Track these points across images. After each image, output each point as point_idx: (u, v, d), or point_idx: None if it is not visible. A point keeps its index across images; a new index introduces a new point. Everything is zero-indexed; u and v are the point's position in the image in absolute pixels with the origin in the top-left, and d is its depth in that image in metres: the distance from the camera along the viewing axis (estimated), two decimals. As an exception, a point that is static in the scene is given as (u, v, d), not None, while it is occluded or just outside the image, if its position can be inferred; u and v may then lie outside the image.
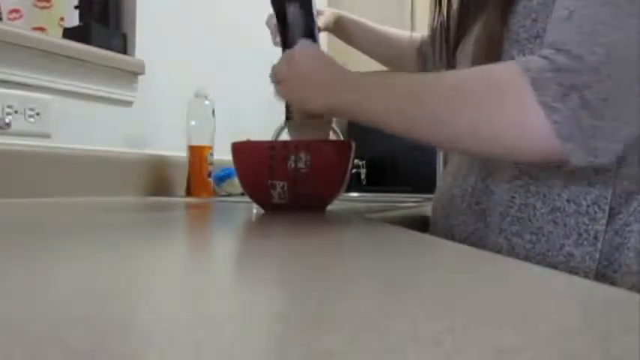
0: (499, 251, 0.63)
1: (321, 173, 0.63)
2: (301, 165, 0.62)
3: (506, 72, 0.51)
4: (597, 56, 0.47)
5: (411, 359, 0.12)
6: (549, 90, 0.47)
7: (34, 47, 0.99)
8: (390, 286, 0.21)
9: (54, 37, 1.14)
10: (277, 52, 0.84)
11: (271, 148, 0.63)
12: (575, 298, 0.20)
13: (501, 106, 0.50)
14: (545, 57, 0.49)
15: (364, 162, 2.02)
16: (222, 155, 1.14)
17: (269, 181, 0.63)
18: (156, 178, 1.22)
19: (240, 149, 0.66)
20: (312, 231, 0.43)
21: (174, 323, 0.15)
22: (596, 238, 0.58)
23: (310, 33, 0.75)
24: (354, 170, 1.98)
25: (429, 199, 0.83)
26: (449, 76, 0.58)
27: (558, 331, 0.15)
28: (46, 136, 1.02)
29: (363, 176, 2.01)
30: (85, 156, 1.06)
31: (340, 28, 0.99)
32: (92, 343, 0.13)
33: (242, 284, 0.22)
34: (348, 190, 1.85)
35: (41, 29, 1.32)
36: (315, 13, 0.77)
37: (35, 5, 1.35)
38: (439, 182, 0.77)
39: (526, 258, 0.61)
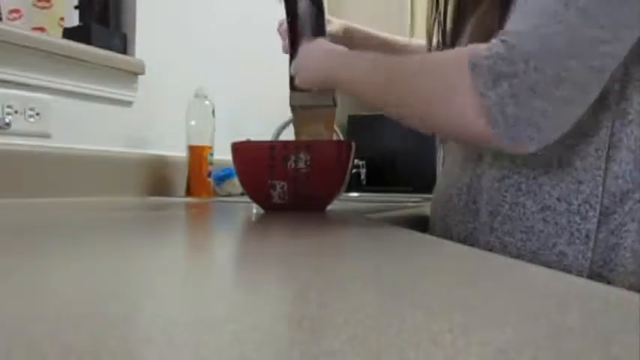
0: (491, 250, 0.63)
1: (321, 173, 0.63)
2: (301, 165, 0.62)
3: (455, 55, 0.55)
4: (530, 47, 0.49)
5: (411, 359, 0.12)
6: (482, 76, 0.50)
7: (34, 47, 0.99)
8: (390, 286, 0.21)
9: (54, 37, 1.14)
10: (278, 52, 0.84)
11: (271, 148, 0.63)
12: (575, 298, 0.20)
13: (441, 86, 0.54)
14: (490, 45, 0.51)
15: (364, 162, 2.02)
16: (222, 155, 1.14)
17: (269, 181, 0.63)
18: (156, 178, 1.22)
19: (240, 149, 0.66)
20: (312, 231, 0.43)
21: (174, 323, 0.15)
22: (587, 237, 0.58)
23: (321, 30, 0.76)
24: (354, 170, 1.98)
25: (429, 199, 0.83)
26: (421, 56, 0.66)
27: (558, 331, 0.15)
28: (46, 136, 1.02)
29: (363, 176, 2.01)
30: (85, 156, 1.06)
31: (348, 38, 1.02)
32: (92, 343, 0.13)
33: (242, 284, 0.22)
34: (348, 190, 1.85)
35: (41, 29, 1.31)
36: (325, 9, 0.78)
37: (35, 5, 1.35)
38: (437, 182, 0.77)
39: (518, 257, 0.61)
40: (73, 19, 1.26)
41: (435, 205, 0.76)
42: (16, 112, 0.96)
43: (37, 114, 1.00)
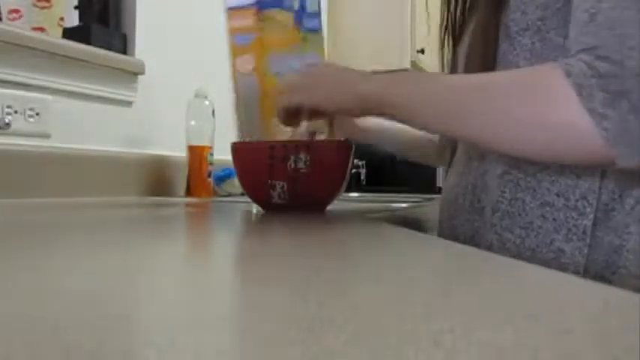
0: (490, 247, 0.64)
1: (321, 173, 0.63)
2: (301, 165, 0.62)
3: (547, 75, 0.52)
4: (634, 60, 0.48)
5: (411, 359, 0.12)
6: (596, 97, 0.48)
7: (34, 47, 0.99)
8: (390, 286, 0.21)
9: (54, 37, 1.14)
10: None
11: (271, 148, 0.63)
12: (575, 298, 0.20)
13: (547, 108, 0.51)
14: (585, 62, 0.49)
15: (364, 162, 2.02)
16: (222, 155, 1.14)
17: (269, 181, 0.63)
18: (156, 178, 1.22)
19: (240, 149, 0.66)
20: (312, 231, 0.43)
21: (174, 323, 0.15)
22: (584, 233, 0.58)
23: None
24: (354, 170, 1.98)
25: (429, 199, 0.83)
26: (477, 76, 0.58)
27: (558, 331, 0.15)
28: (46, 136, 1.02)
29: (363, 176, 2.01)
30: (85, 156, 1.06)
31: (379, 133, 1.06)
32: (92, 343, 0.13)
33: (242, 284, 0.22)
34: (348, 190, 1.85)
35: (41, 29, 1.31)
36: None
37: (35, 5, 1.35)
38: (444, 184, 0.77)
39: (517, 253, 0.62)
40: (73, 19, 1.26)
41: (442, 206, 0.76)
42: (16, 112, 0.96)
43: (37, 114, 1.00)
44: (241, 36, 0.79)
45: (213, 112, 1.21)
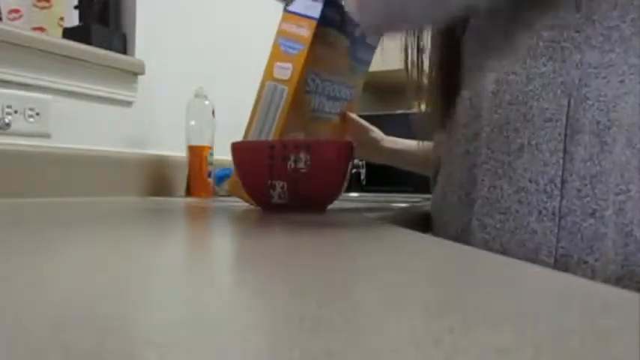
0: (471, 232, 0.68)
1: (321, 173, 0.63)
2: (301, 165, 0.62)
3: None
4: None
5: (411, 359, 0.12)
6: None
7: (34, 47, 0.99)
8: (390, 286, 0.21)
9: (54, 37, 1.14)
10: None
11: (271, 147, 0.63)
12: (574, 298, 0.20)
13: None
14: None
15: (364, 162, 2.02)
16: (222, 155, 1.14)
17: (269, 181, 0.63)
18: (156, 178, 1.22)
19: (240, 149, 0.66)
20: (312, 231, 0.43)
21: (174, 323, 0.15)
22: (554, 214, 0.62)
23: None
24: (354, 170, 1.98)
25: (429, 199, 0.84)
26: None
27: (558, 331, 0.15)
28: (46, 136, 1.02)
29: (363, 176, 2.01)
30: (85, 156, 1.06)
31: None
32: (92, 343, 0.13)
33: (242, 284, 0.22)
34: (348, 190, 1.85)
35: (41, 29, 1.31)
36: None
37: (35, 5, 1.35)
38: (435, 187, 0.82)
39: (497, 236, 0.66)
40: (73, 19, 1.26)
41: (432, 207, 0.79)
42: (16, 112, 0.96)
43: (37, 114, 1.00)
44: (289, 42, 0.75)
45: (213, 112, 1.21)
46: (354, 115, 0.99)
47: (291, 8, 0.76)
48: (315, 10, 0.74)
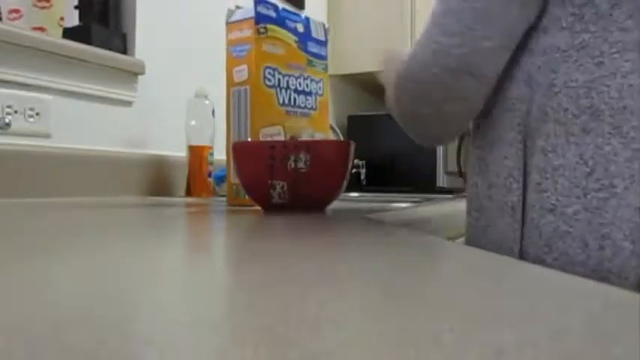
0: (466, 231, 0.70)
1: (321, 173, 0.63)
2: (301, 165, 0.62)
3: None
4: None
5: (411, 359, 0.12)
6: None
7: (34, 47, 0.99)
8: (390, 286, 0.21)
9: (54, 37, 1.14)
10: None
11: (271, 148, 0.63)
12: (575, 298, 0.20)
13: None
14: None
15: (364, 162, 2.02)
16: (222, 155, 1.14)
17: (269, 181, 0.63)
18: (156, 178, 1.22)
19: (241, 149, 0.66)
20: (312, 231, 0.43)
21: (174, 323, 0.15)
22: (513, 209, 0.59)
23: None
24: (354, 170, 1.98)
25: (429, 199, 0.84)
26: None
27: (558, 331, 0.15)
28: (46, 136, 1.02)
29: (363, 176, 2.01)
30: (85, 156, 1.06)
31: None
32: (92, 343, 0.13)
33: (242, 284, 0.22)
34: (348, 190, 1.85)
35: (41, 29, 1.31)
36: None
37: (35, 5, 1.35)
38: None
39: (474, 234, 0.66)
40: (73, 19, 1.26)
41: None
42: (16, 112, 0.96)
43: (37, 114, 1.00)
44: (238, 47, 0.81)
45: (213, 112, 1.21)
46: None
47: (230, 20, 0.83)
48: (250, 12, 0.80)
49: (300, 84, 0.85)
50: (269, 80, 0.80)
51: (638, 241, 0.49)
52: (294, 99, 0.84)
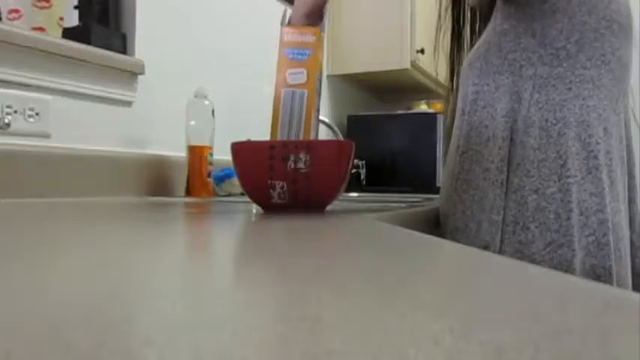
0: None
1: (321, 173, 0.63)
2: (301, 165, 0.62)
3: None
4: None
5: (411, 359, 0.12)
6: None
7: (34, 47, 0.99)
8: (390, 286, 0.21)
9: (54, 37, 1.14)
10: (275, 54, 0.84)
11: (271, 147, 0.63)
12: (574, 298, 0.20)
13: None
14: None
15: (364, 162, 2.02)
16: (222, 155, 1.14)
17: (269, 181, 0.63)
18: (156, 178, 1.22)
19: (240, 149, 0.66)
20: (312, 231, 0.43)
21: (174, 323, 0.15)
22: (502, 184, 0.79)
23: None
24: (354, 170, 1.98)
25: (429, 199, 0.86)
26: None
27: (558, 331, 0.15)
28: (46, 136, 1.02)
29: (362, 176, 2.01)
30: (85, 156, 1.06)
31: None
32: (92, 342, 0.13)
33: (242, 284, 0.22)
34: (348, 190, 1.85)
35: (41, 29, 1.31)
36: None
37: (35, 5, 1.35)
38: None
39: (467, 208, 0.84)
40: (73, 19, 1.26)
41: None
42: (15, 112, 0.96)
43: (37, 114, 1.00)
44: (297, 50, 0.80)
45: (213, 112, 1.21)
46: None
47: (287, 22, 0.84)
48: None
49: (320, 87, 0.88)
50: (317, 87, 0.82)
51: None
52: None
